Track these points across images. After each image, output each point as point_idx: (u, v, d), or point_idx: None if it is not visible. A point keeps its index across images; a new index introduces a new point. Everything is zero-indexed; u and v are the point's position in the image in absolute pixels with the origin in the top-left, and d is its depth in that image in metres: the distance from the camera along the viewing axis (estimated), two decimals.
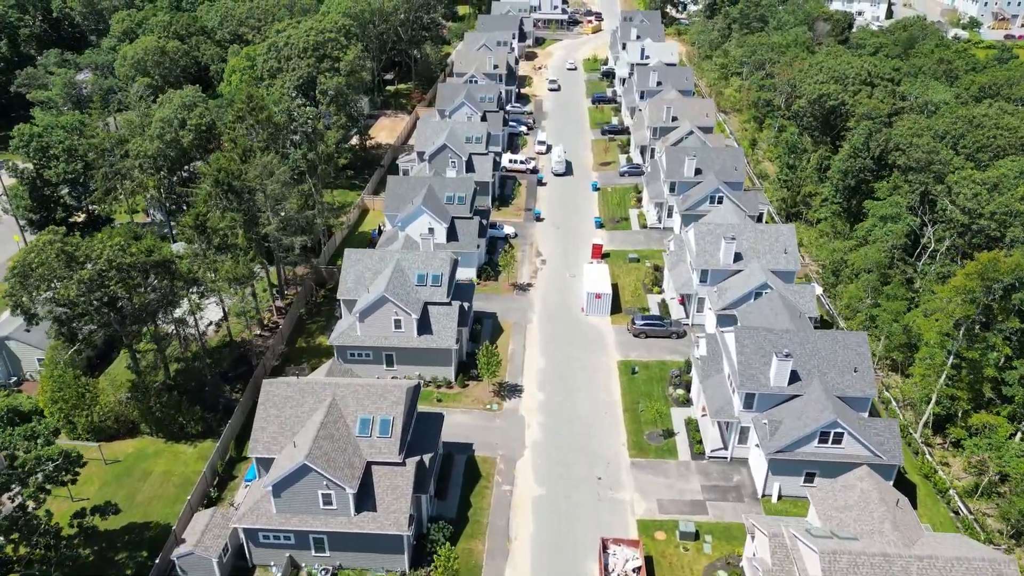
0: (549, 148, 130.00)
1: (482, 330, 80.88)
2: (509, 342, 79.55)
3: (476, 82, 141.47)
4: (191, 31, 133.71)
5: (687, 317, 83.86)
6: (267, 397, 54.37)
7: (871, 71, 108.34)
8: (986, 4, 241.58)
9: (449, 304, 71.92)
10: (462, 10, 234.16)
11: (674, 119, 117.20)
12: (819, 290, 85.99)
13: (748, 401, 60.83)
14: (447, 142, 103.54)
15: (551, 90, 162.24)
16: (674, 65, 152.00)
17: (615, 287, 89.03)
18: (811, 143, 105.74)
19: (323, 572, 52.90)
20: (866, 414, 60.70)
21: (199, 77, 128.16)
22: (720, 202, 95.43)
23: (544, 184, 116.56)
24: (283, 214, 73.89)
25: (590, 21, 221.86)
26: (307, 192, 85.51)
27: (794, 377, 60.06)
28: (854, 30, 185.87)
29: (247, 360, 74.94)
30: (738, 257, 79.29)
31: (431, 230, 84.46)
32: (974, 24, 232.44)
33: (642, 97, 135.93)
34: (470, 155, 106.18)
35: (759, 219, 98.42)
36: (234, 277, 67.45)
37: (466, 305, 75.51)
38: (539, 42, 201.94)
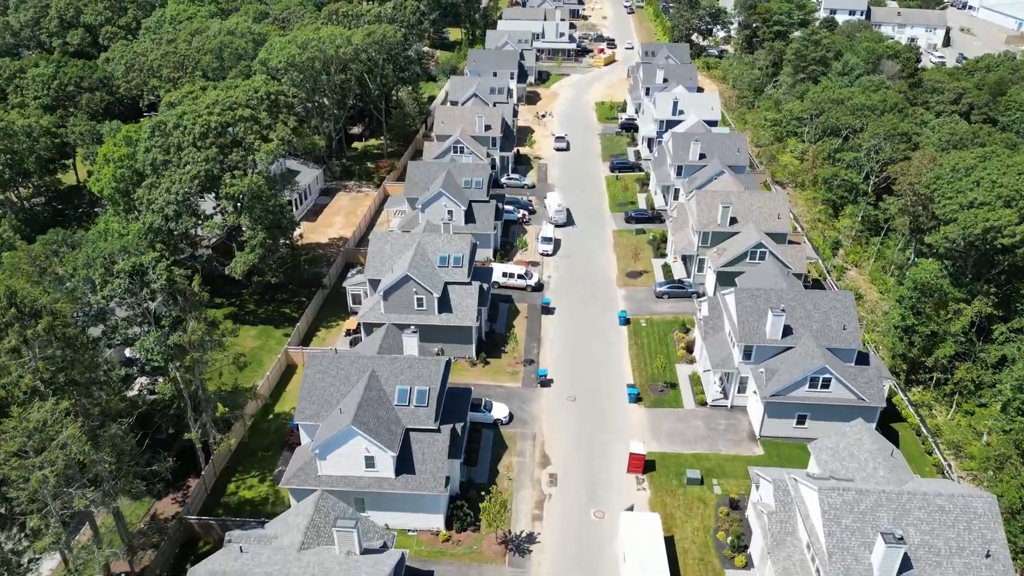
0: (557, 245, 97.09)
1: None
2: None
3: (462, 150, 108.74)
4: (85, 86, 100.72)
5: None
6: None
7: None
8: None
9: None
10: (454, 35, 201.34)
11: (733, 220, 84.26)
12: None
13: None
14: (411, 273, 70.65)
15: (558, 149, 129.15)
16: (715, 124, 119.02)
17: (671, 547, 54.93)
18: (954, 286, 71.82)
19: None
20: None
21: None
22: (827, 386, 62.88)
23: (551, 310, 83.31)
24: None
25: (602, 50, 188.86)
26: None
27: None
28: (920, 63, 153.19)
29: None
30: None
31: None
32: None
33: (680, 174, 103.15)
34: (445, 286, 73.39)
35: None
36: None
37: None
38: (542, 78, 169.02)
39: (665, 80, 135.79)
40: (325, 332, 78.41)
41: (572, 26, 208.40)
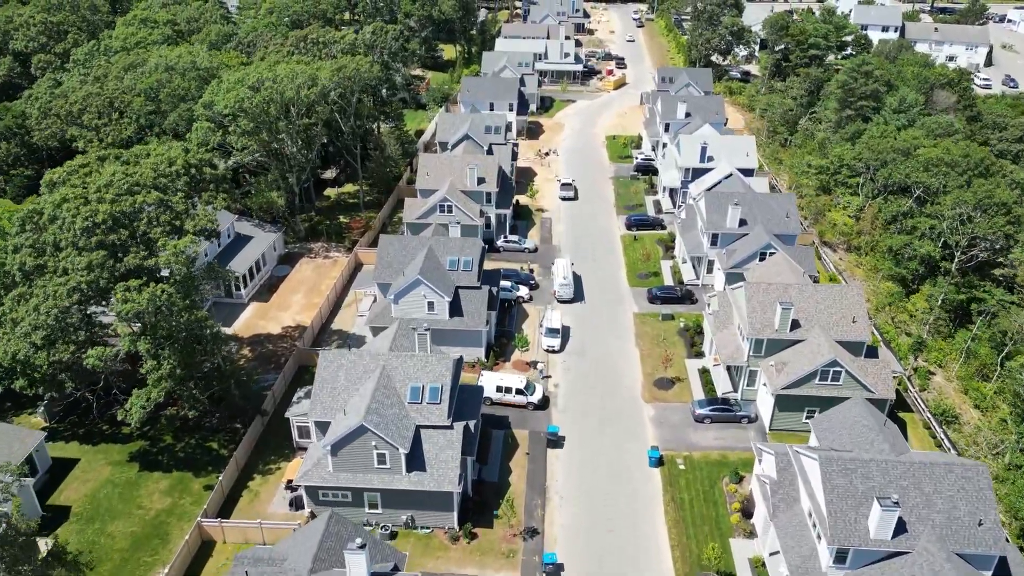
0: (566, 336, 78.15)
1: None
2: None
3: (450, 209, 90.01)
4: None
5: None
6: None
7: None
8: None
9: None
10: (448, 53, 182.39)
11: (796, 324, 65.25)
12: None
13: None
14: (366, 422, 52.04)
15: (564, 199, 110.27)
16: (751, 173, 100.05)
17: None
18: None
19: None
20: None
21: None
22: None
23: (558, 442, 64.16)
24: None
25: (611, 71, 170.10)
26: None
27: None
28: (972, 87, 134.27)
29: None
30: None
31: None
32: None
33: (715, 243, 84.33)
34: (417, 430, 54.61)
35: None
36: None
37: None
38: (545, 105, 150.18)
39: (688, 115, 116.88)
40: (260, 481, 59.43)
41: (578, 43, 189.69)
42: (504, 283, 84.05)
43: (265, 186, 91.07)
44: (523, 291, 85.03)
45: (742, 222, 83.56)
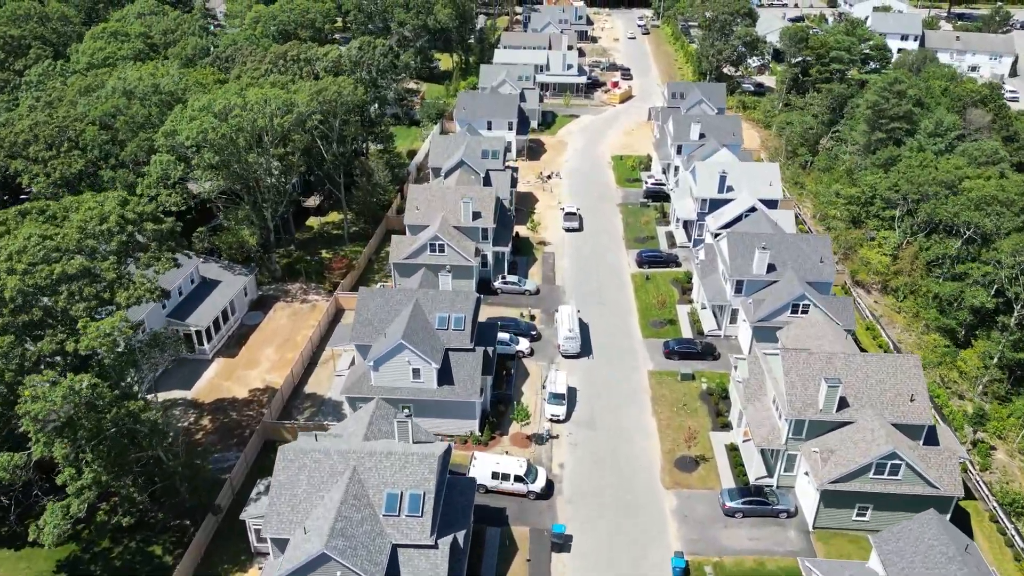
0: (572, 400, 68.75)
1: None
2: None
3: (442, 249, 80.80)
4: None
5: None
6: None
7: None
8: None
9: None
10: (444, 63, 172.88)
11: (843, 403, 55.67)
12: None
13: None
14: (328, 549, 42.40)
15: (568, 230, 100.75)
16: (775, 205, 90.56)
17: None
18: None
19: None
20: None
21: None
22: None
23: (565, 544, 54.54)
24: None
25: (616, 83, 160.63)
26: None
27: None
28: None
29: None
30: None
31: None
32: None
33: (739, 291, 74.88)
34: (394, 551, 45.06)
35: None
36: None
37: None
38: (546, 120, 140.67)
39: (702, 136, 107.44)
40: None
41: (581, 52, 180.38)
42: (502, 335, 74.56)
43: (236, 222, 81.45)
44: (524, 344, 75.50)
45: (770, 267, 74.15)
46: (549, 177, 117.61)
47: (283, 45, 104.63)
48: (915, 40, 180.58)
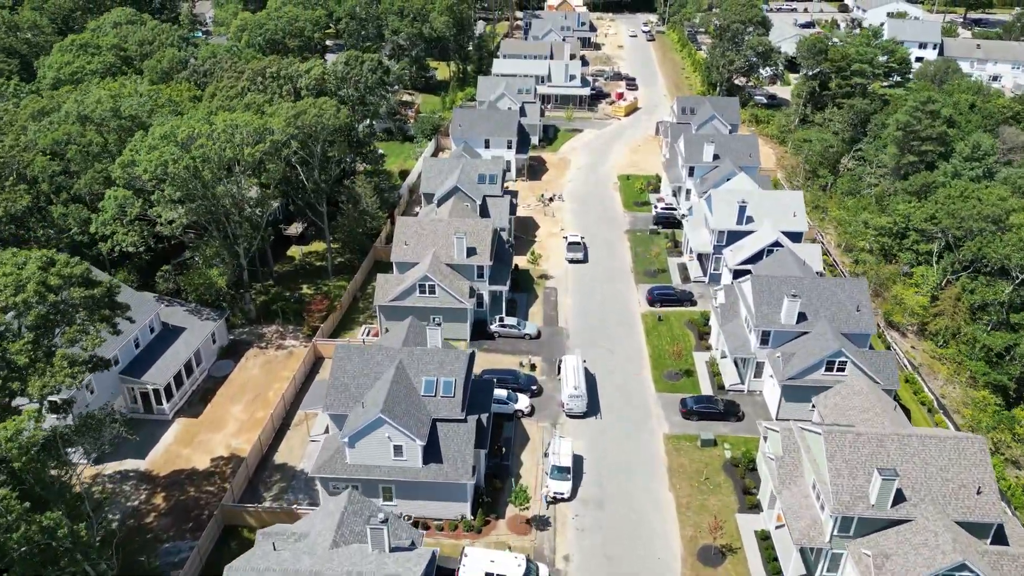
0: (577, 472, 60.50)
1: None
2: None
3: (432, 289, 72.88)
4: None
5: None
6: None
7: None
8: None
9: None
10: (441, 72, 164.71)
11: (899, 497, 47.44)
12: None
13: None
14: None
15: (572, 261, 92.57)
16: (800, 238, 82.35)
17: None
18: None
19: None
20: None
21: None
22: None
23: None
24: None
25: (621, 94, 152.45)
26: None
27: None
28: None
29: None
30: None
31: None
32: None
33: (765, 342, 66.65)
34: None
35: None
36: None
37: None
38: (548, 135, 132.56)
39: (716, 157, 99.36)
40: None
41: (584, 60, 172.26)
42: (499, 392, 66.37)
43: (204, 260, 73.33)
44: (523, 402, 67.27)
45: (801, 315, 65.96)
46: (551, 200, 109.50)
47: (262, 60, 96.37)
48: (934, 48, 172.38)
